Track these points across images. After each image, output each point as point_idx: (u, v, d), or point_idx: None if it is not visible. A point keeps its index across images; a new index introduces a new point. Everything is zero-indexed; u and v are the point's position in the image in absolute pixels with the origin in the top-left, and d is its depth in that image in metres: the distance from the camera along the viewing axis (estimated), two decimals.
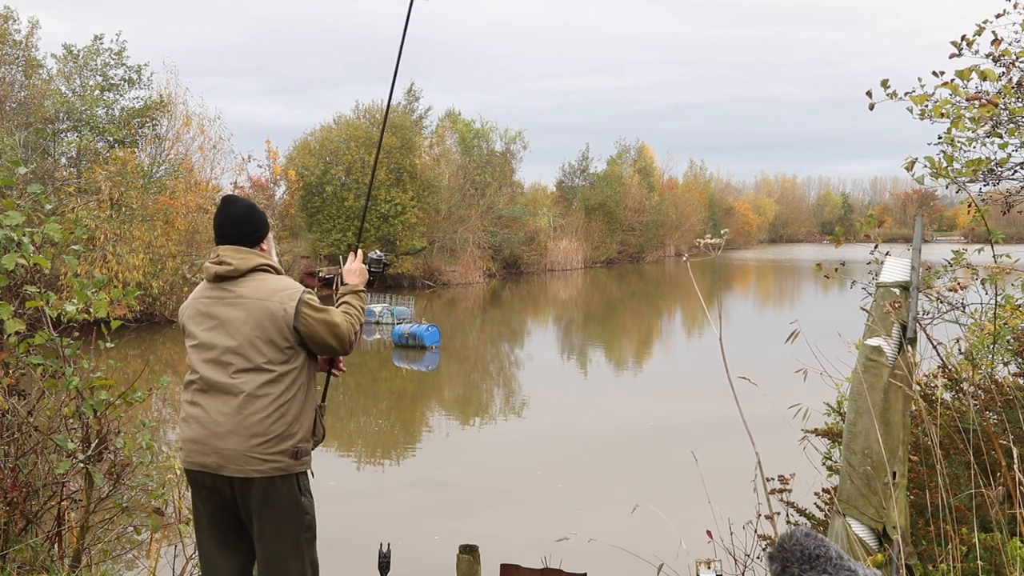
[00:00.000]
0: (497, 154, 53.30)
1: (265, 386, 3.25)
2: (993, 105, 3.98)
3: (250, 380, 3.26)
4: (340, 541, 8.53)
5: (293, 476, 3.30)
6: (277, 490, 3.27)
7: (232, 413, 3.24)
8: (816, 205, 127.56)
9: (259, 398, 3.25)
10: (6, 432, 4.03)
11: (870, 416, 3.40)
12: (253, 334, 3.29)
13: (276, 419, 3.25)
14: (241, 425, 3.23)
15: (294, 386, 3.32)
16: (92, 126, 29.70)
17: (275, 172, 43.02)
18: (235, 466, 3.23)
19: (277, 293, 3.35)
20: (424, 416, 17.45)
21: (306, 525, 3.35)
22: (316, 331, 3.34)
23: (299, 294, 3.37)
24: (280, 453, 3.25)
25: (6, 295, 3.95)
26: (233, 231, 3.45)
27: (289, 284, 3.43)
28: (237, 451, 3.22)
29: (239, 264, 3.38)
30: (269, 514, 3.28)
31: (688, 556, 3.71)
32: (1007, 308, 4.77)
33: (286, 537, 3.30)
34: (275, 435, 3.24)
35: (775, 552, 1.85)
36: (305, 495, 3.35)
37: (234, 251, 3.41)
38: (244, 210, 3.50)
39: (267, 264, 3.44)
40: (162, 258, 28.07)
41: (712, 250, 3.86)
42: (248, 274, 3.39)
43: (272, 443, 3.23)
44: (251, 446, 3.22)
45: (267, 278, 3.41)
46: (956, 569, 3.27)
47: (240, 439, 3.22)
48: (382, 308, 31.02)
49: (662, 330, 33.00)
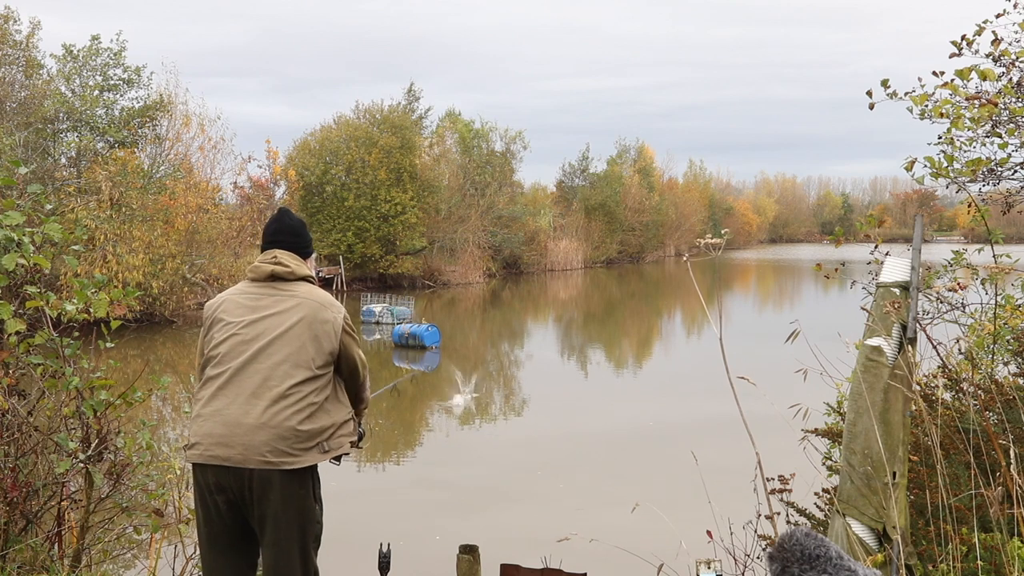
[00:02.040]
0: (497, 154, 53.32)
1: (303, 384, 3.30)
2: (993, 105, 3.97)
3: (291, 375, 3.29)
4: (340, 541, 8.53)
5: (309, 481, 3.32)
6: (294, 491, 3.26)
7: (266, 406, 3.23)
8: (816, 205, 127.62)
9: (295, 394, 3.27)
10: (6, 432, 4.03)
11: (870, 416, 3.40)
12: (306, 332, 3.35)
13: (307, 416, 3.28)
14: (275, 419, 3.22)
15: (327, 388, 3.39)
16: (92, 126, 29.70)
17: (275, 172, 43.03)
18: (260, 458, 3.20)
19: (330, 303, 3.51)
20: (424, 416, 17.45)
21: (315, 534, 3.37)
22: (350, 352, 3.49)
23: (343, 313, 3.55)
24: (307, 451, 3.27)
25: (6, 295, 3.95)
26: (290, 239, 3.61)
27: (335, 300, 3.60)
28: (265, 443, 3.20)
29: (295, 268, 3.51)
30: (282, 515, 3.25)
31: (688, 556, 3.71)
32: (1007, 308, 4.77)
33: (294, 541, 3.28)
34: (305, 432, 3.26)
35: (775, 552, 1.85)
36: (319, 503, 3.38)
37: (290, 256, 3.54)
38: (299, 224, 3.71)
39: (312, 278, 3.61)
40: (162, 258, 28.07)
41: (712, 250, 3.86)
42: (299, 280, 3.51)
43: (301, 440, 3.25)
44: (280, 440, 3.21)
45: (316, 288, 3.56)
46: (956, 569, 3.27)
47: (270, 433, 3.21)
48: (382, 308, 31.02)
49: (662, 330, 33.00)
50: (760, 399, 3.80)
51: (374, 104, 45.91)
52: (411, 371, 20.81)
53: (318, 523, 3.39)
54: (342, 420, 3.44)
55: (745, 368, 3.45)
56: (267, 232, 3.62)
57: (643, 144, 69.76)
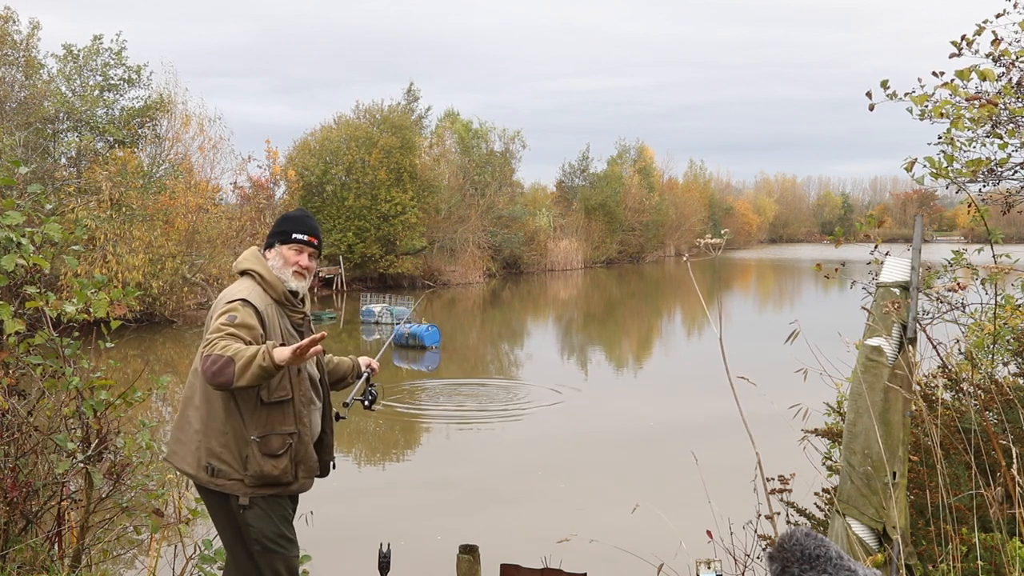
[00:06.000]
0: (496, 154, 53.33)
1: (204, 390, 3.21)
2: (993, 105, 3.97)
3: (198, 380, 3.24)
4: (340, 541, 8.53)
5: (230, 503, 3.23)
6: (211, 499, 3.28)
7: (190, 411, 3.29)
8: (816, 205, 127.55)
9: (198, 400, 3.25)
10: (6, 432, 4.02)
11: (870, 416, 3.40)
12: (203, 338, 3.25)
13: (200, 427, 3.22)
14: (183, 423, 3.29)
15: (219, 399, 3.19)
16: (92, 126, 29.71)
17: (274, 172, 43.02)
18: (175, 460, 3.31)
19: (220, 301, 3.26)
20: (424, 416, 17.44)
21: (252, 538, 3.22)
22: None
23: (225, 303, 3.18)
24: (195, 461, 3.22)
25: (6, 295, 3.94)
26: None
27: (239, 291, 3.26)
28: (177, 443, 3.30)
29: (237, 264, 3.43)
30: (214, 522, 3.33)
31: (688, 556, 3.70)
32: (1007, 308, 4.77)
33: (235, 547, 3.28)
34: (192, 442, 3.24)
35: (775, 552, 1.85)
36: (251, 508, 3.20)
37: (247, 252, 3.47)
38: (291, 214, 3.57)
39: (255, 271, 3.34)
40: (162, 258, 28.06)
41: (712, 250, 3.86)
42: (238, 277, 3.40)
43: (193, 449, 3.23)
44: (179, 445, 3.28)
45: (240, 282, 3.34)
46: (956, 569, 3.27)
47: (178, 435, 3.29)
48: (382, 308, 31.00)
49: (662, 330, 32.99)
50: (760, 399, 3.80)
51: (374, 104, 45.96)
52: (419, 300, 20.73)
53: (251, 526, 3.21)
54: (229, 437, 3.18)
55: (745, 368, 3.45)
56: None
57: (643, 144, 69.86)
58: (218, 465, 3.17)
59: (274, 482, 3.21)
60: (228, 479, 3.17)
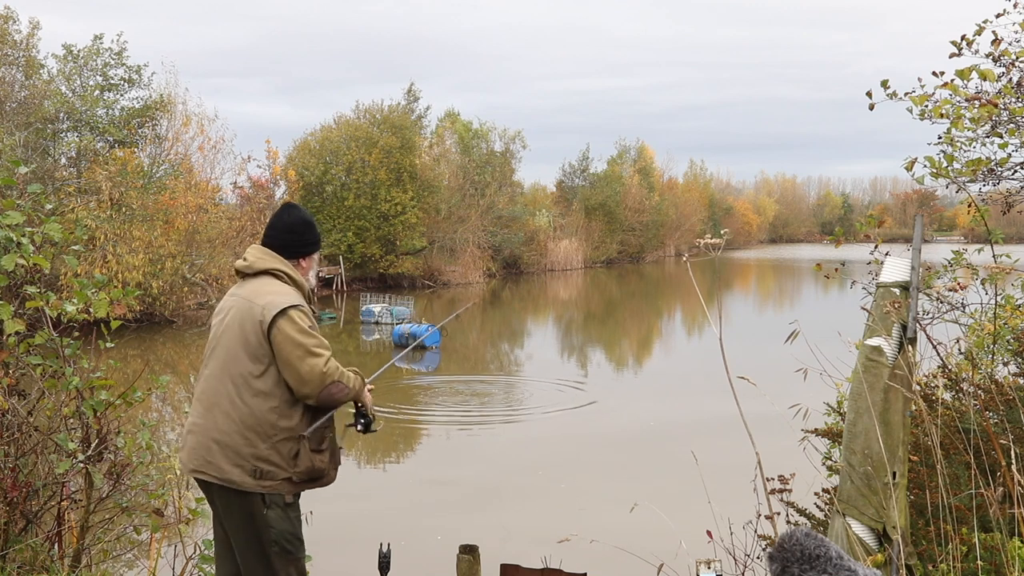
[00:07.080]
0: (496, 154, 53.33)
1: (239, 395, 3.18)
2: (993, 105, 3.97)
3: (228, 385, 3.20)
4: (340, 541, 8.53)
5: (263, 502, 3.20)
6: (234, 501, 3.22)
7: (218, 419, 3.22)
8: (816, 205, 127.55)
9: (228, 405, 3.19)
10: (6, 432, 4.02)
11: (870, 416, 3.40)
12: (235, 337, 3.21)
13: (238, 431, 3.16)
14: (215, 430, 3.21)
15: (264, 402, 3.17)
16: (92, 126, 29.71)
17: (274, 172, 43.02)
18: (216, 473, 3.20)
19: (265, 297, 3.21)
20: (424, 416, 17.44)
21: (272, 540, 3.20)
22: (284, 349, 3.13)
23: (285, 306, 3.17)
24: (238, 467, 3.16)
25: (6, 295, 3.95)
26: (273, 235, 3.41)
27: (283, 292, 3.24)
28: (210, 452, 3.22)
29: (253, 262, 3.34)
30: (231, 524, 3.26)
31: (688, 556, 3.70)
32: (1007, 308, 4.77)
33: (251, 550, 3.23)
34: (234, 447, 3.16)
35: (775, 552, 1.85)
36: (272, 508, 3.20)
37: (258, 250, 3.38)
38: (297, 221, 3.44)
39: (282, 270, 3.32)
40: (162, 258, 28.07)
41: (712, 250, 3.86)
42: (259, 275, 3.32)
43: (234, 455, 3.16)
44: (218, 452, 3.18)
45: (270, 282, 3.29)
46: (956, 569, 3.27)
47: (211, 443, 3.21)
48: (382, 308, 31.00)
49: (662, 330, 32.99)
50: (760, 399, 3.80)
51: (374, 104, 45.99)
52: (465, 307, 20.61)
53: (272, 528, 3.20)
54: (280, 438, 3.17)
55: (745, 368, 3.45)
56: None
57: (643, 144, 69.86)
58: (266, 468, 3.16)
59: (319, 475, 3.29)
60: (276, 480, 3.18)
